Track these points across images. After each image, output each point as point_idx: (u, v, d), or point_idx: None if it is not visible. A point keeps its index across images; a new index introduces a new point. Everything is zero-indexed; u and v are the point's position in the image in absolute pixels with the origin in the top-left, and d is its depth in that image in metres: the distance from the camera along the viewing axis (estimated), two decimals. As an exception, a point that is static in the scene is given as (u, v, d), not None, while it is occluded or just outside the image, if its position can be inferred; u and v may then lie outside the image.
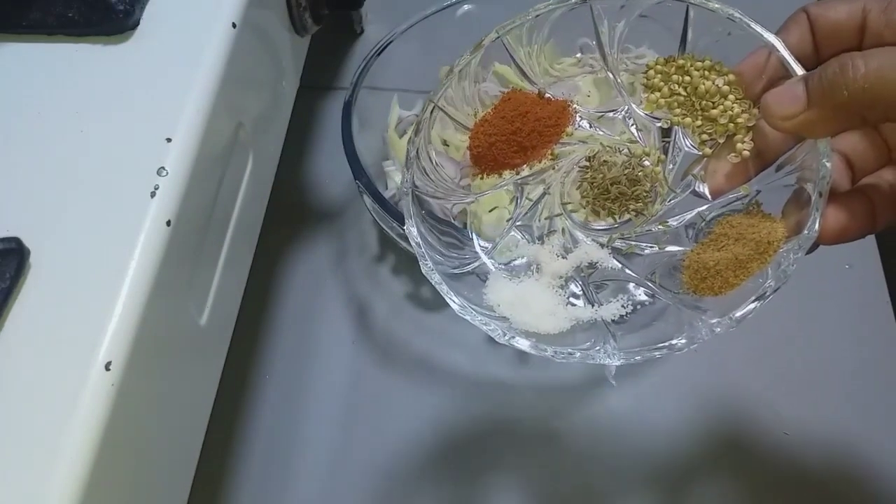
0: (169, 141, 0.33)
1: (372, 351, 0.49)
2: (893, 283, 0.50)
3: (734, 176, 0.31)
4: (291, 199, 0.56)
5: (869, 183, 0.29)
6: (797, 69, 0.28)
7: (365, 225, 0.54)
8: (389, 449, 0.45)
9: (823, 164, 0.27)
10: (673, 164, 0.33)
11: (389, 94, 0.52)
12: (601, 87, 0.38)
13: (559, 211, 0.34)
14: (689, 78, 0.31)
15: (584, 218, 0.33)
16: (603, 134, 0.34)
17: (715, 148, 0.32)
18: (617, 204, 0.32)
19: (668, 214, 0.33)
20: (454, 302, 0.31)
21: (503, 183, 0.34)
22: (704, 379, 0.47)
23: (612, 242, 0.33)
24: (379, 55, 0.49)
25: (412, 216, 0.32)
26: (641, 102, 0.33)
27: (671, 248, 0.32)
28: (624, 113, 0.34)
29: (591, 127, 0.35)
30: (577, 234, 0.33)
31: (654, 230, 0.33)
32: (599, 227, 0.33)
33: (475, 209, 0.38)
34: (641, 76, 0.33)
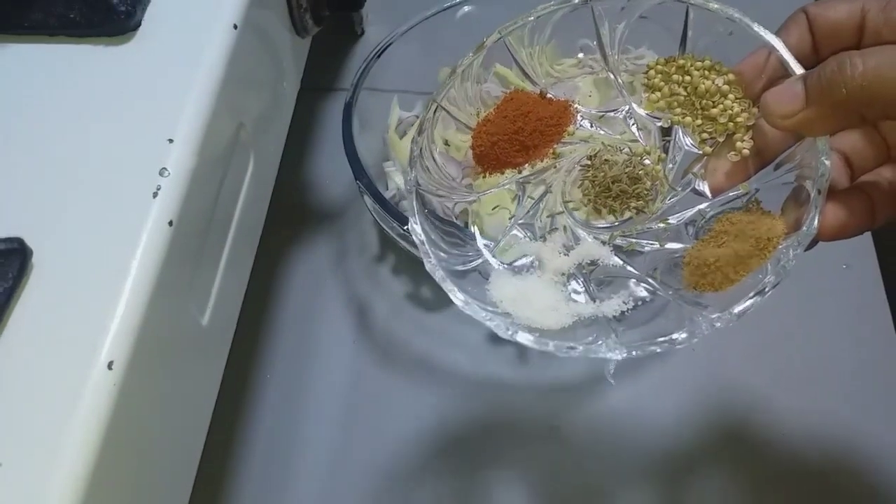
0: (171, 141, 0.33)
1: (372, 351, 0.49)
2: (890, 283, 0.50)
3: (734, 174, 0.31)
4: (292, 199, 0.56)
5: (868, 180, 0.30)
6: (796, 68, 0.28)
7: (365, 225, 0.54)
8: (389, 449, 0.45)
9: (822, 161, 0.28)
10: (673, 162, 0.33)
11: (390, 95, 0.53)
12: (601, 87, 0.38)
13: (561, 209, 0.34)
14: (689, 78, 0.32)
15: (585, 216, 0.34)
16: (604, 133, 0.35)
17: (715, 147, 0.32)
18: (618, 202, 0.33)
19: (668, 212, 0.33)
20: (458, 298, 0.31)
21: (505, 182, 0.34)
22: (703, 377, 0.47)
23: (613, 240, 0.33)
24: (379, 56, 0.49)
25: (416, 213, 0.32)
26: (642, 102, 0.33)
27: (672, 245, 0.32)
28: (625, 113, 0.34)
29: (592, 126, 0.35)
30: (578, 231, 0.33)
31: (654, 228, 0.33)
32: (601, 224, 0.33)
33: (477, 208, 0.39)
34: (642, 76, 0.33)
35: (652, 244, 0.33)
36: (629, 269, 0.33)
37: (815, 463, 0.44)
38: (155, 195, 0.31)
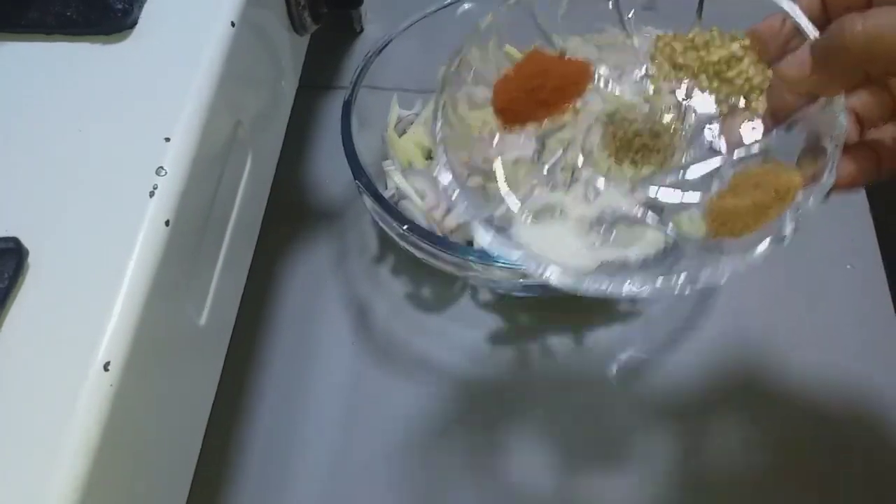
0: (167, 140, 0.33)
1: (372, 351, 0.49)
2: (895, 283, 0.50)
3: (750, 133, 0.33)
4: (291, 198, 0.56)
5: (874, 137, 0.31)
6: (811, 32, 0.30)
7: (365, 225, 0.54)
8: (389, 449, 0.45)
9: (840, 119, 0.29)
10: (690, 121, 0.34)
11: (389, 93, 0.52)
12: (618, 51, 0.39)
13: (582, 162, 0.35)
14: (705, 43, 0.33)
15: (606, 169, 0.35)
16: (622, 93, 0.36)
17: (731, 107, 0.33)
18: (640, 155, 0.34)
19: (687, 168, 0.34)
20: (484, 238, 0.32)
21: (527, 136, 0.35)
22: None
23: (634, 191, 0.34)
24: (378, 54, 0.49)
25: (443, 165, 0.33)
26: (659, 65, 0.34)
27: (691, 196, 0.34)
28: (642, 73, 0.35)
29: (610, 86, 0.36)
30: (599, 184, 0.35)
31: (674, 181, 0.34)
32: (622, 177, 0.35)
33: (497, 165, 0.39)
34: (658, 42, 0.34)
35: (672, 195, 0.34)
36: (649, 218, 0.34)
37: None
38: (151, 194, 0.31)
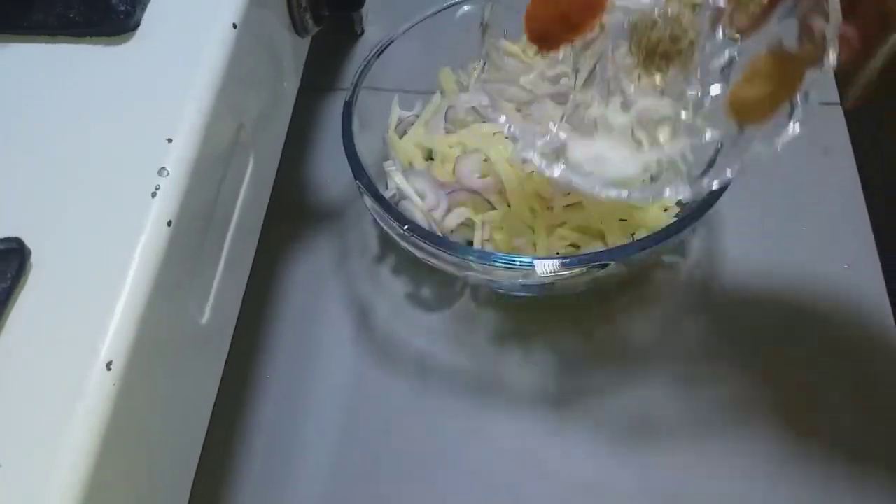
0: (170, 141, 0.33)
1: (373, 352, 0.49)
2: (893, 283, 0.50)
3: (757, 18, 0.35)
4: (292, 199, 0.56)
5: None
6: None
7: (366, 225, 0.54)
8: (390, 450, 0.45)
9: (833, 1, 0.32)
10: (703, 17, 0.37)
11: (390, 94, 0.53)
12: None
13: (614, 74, 0.39)
14: None
15: (637, 79, 0.38)
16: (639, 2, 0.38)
17: None
18: (665, 60, 0.37)
19: (706, 61, 0.37)
20: (555, 170, 0.36)
21: (561, 59, 0.40)
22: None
23: (664, 93, 0.38)
24: (379, 56, 0.49)
25: (497, 108, 0.39)
26: None
27: (715, 89, 0.38)
28: None
29: None
30: (631, 94, 0.38)
31: (697, 79, 0.38)
32: (652, 82, 0.38)
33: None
34: None
35: (698, 91, 0.38)
36: (683, 116, 0.38)
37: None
38: (154, 195, 0.31)
